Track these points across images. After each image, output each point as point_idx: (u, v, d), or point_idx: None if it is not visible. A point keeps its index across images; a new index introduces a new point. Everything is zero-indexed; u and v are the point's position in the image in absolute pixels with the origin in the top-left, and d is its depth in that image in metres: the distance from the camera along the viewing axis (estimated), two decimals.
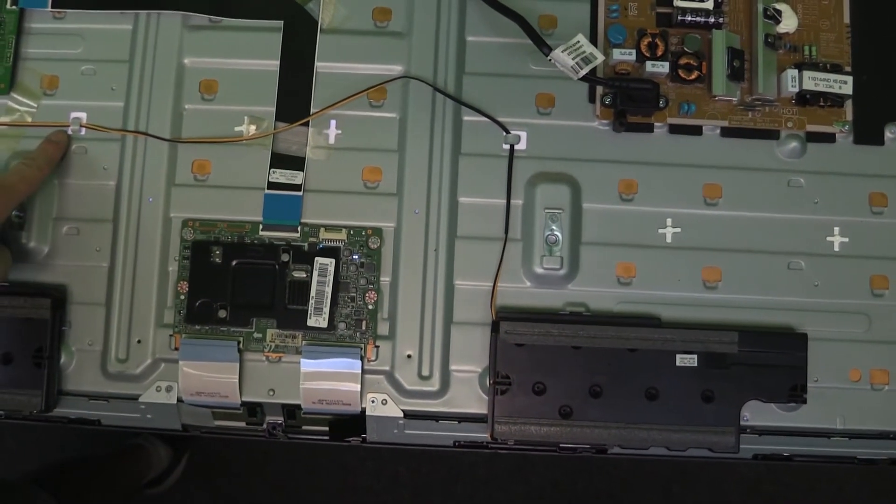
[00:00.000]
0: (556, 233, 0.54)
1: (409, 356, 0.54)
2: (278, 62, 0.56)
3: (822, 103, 0.55)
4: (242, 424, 0.56)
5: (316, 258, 0.53)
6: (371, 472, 1.09)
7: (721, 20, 0.56)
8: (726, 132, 0.56)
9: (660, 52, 0.55)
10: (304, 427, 0.56)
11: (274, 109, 0.56)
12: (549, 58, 0.52)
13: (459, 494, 1.09)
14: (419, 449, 1.08)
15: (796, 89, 0.55)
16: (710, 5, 0.55)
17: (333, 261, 0.53)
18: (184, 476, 1.09)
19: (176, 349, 0.53)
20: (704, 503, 1.09)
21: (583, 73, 0.52)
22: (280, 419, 0.55)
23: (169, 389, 0.53)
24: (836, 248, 0.55)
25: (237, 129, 0.56)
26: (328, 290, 0.53)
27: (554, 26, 0.57)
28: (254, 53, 0.56)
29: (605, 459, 1.09)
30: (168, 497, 1.08)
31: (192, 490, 1.09)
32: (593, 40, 0.56)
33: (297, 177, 0.55)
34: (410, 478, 1.09)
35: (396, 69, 0.56)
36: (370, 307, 0.54)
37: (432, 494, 1.09)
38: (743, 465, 1.09)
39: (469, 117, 0.56)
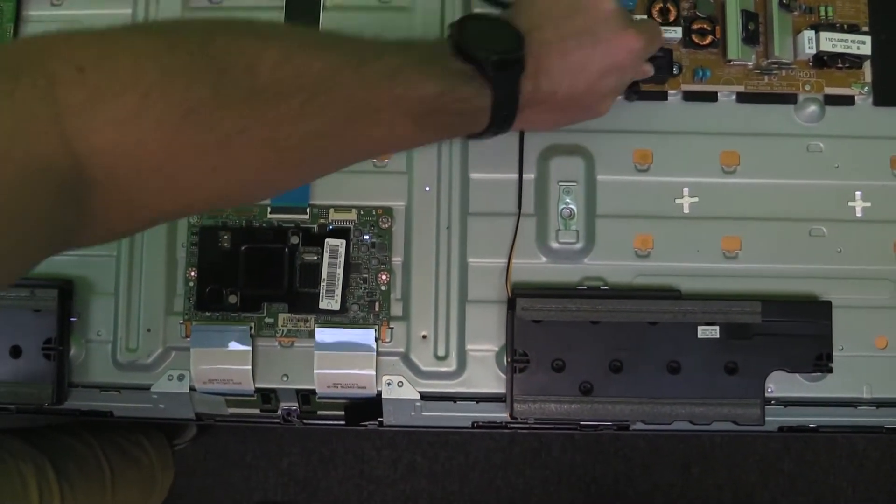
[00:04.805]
0: (570, 206, 0.53)
1: (424, 337, 0.53)
2: None
3: (839, 65, 0.54)
4: (257, 411, 0.55)
5: (326, 240, 0.52)
6: (387, 461, 1.08)
7: None
8: (742, 98, 0.54)
9: (672, 18, 0.54)
10: (320, 412, 0.55)
11: None
12: None
13: (477, 481, 1.08)
14: (436, 437, 1.08)
15: (813, 51, 0.53)
16: None
17: (344, 242, 0.52)
18: (198, 470, 1.08)
19: (187, 337, 0.53)
20: (724, 483, 1.08)
21: None
22: (295, 405, 0.54)
23: (181, 378, 0.53)
24: (859, 214, 0.54)
25: None
26: (339, 271, 0.52)
27: None
28: None
29: (623, 442, 1.08)
30: (182, 491, 1.07)
31: (206, 483, 1.09)
32: None
33: None
34: (428, 466, 1.08)
35: None
36: (383, 288, 0.53)
37: (450, 482, 1.08)
38: (762, 444, 1.07)
39: None
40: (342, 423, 0.55)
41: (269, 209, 0.53)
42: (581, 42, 0.42)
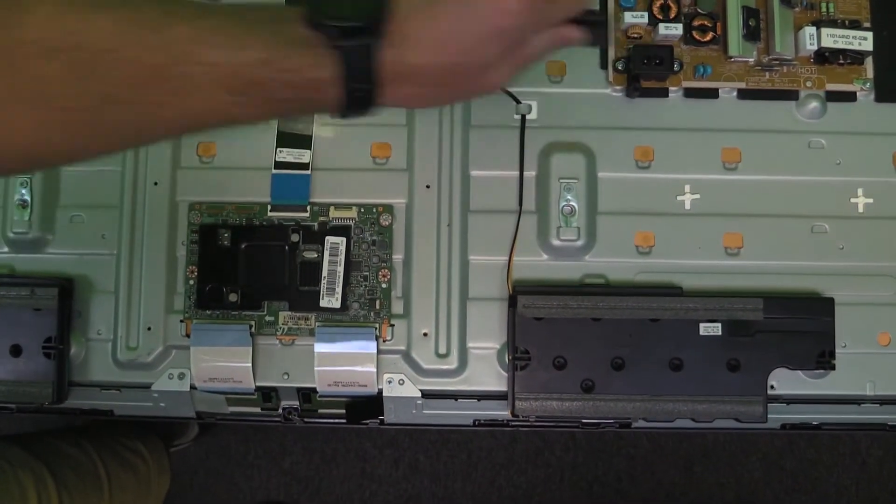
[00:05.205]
0: (571, 203, 0.53)
1: (425, 334, 0.52)
2: None
3: (841, 61, 0.54)
4: (257, 410, 0.55)
5: (326, 237, 0.52)
6: (389, 460, 1.08)
7: None
8: (743, 94, 0.54)
9: (673, 14, 0.53)
10: (321, 411, 0.55)
11: None
12: None
13: (479, 480, 1.08)
14: (437, 435, 1.08)
15: (815, 47, 0.53)
16: None
17: (344, 239, 0.52)
18: (200, 469, 1.08)
19: (187, 335, 0.52)
20: (726, 481, 1.08)
21: None
22: (296, 403, 0.54)
23: (181, 377, 0.52)
24: (861, 210, 0.54)
25: None
26: (340, 269, 0.52)
27: None
28: None
29: (625, 440, 1.07)
30: (184, 490, 1.07)
31: (208, 483, 1.09)
32: (604, 4, 0.54)
33: (304, 155, 0.54)
34: (430, 465, 1.08)
35: None
36: (384, 286, 0.52)
37: (452, 481, 1.08)
38: (765, 442, 1.07)
39: None
40: (343, 421, 0.55)
41: (269, 207, 0.53)
42: (449, 7, 0.36)
